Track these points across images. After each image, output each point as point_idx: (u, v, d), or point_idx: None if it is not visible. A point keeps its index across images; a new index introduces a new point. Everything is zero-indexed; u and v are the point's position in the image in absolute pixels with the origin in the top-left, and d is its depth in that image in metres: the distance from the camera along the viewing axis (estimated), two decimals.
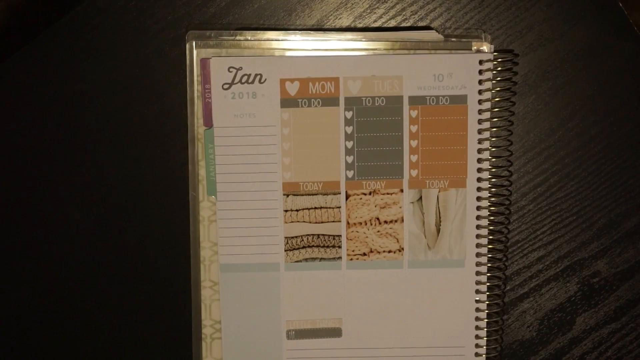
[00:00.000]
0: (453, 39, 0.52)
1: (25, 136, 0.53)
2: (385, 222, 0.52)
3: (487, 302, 0.53)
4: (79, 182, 0.53)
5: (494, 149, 0.52)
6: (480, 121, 0.52)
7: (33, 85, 0.52)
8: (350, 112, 0.52)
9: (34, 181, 0.53)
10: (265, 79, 0.51)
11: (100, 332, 0.54)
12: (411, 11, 0.53)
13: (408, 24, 0.53)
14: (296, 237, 0.52)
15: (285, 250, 0.52)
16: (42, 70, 0.52)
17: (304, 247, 0.52)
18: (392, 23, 0.53)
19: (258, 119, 0.51)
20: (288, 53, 0.51)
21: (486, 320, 0.53)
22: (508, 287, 0.54)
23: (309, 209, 0.52)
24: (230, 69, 0.51)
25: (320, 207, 0.52)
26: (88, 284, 0.54)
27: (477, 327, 0.53)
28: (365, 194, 0.52)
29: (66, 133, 0.53)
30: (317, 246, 0.52)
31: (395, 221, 0.52)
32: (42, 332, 0.54)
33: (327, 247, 0.52)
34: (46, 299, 0.54)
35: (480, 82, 0.51)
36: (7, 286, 0.54)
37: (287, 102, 0.51)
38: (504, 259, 0.53)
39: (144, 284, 0.54)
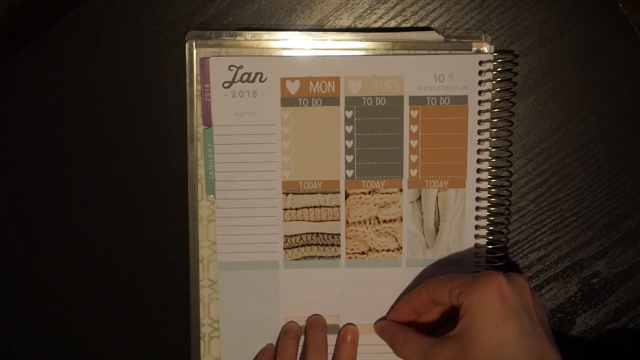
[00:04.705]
0: (453, 40, 0.52)
1: (25, 136, 0.53)
2: (385, 221, 0.52)
3: None
4: (78, 181, 0.53)
5: (494, 149, 0.52)
6: (480, 121, 0.51)
7: (33, 86, 0.52)
8: (351, 112, 0.51)
9: (34, 181, 0.53)
10: (266, 78, 0.51)
11: (99, 331, 0.54)
12: (411, 12, 0.53)
13: (408, 25, 0.53)
14: (295, 235, 0.52)
15: (284, 249, 0.52)
16: (42, 71, 0.52)
17: (303, 246, 0.52)
18: (393, 23, 0.53)
19: (258, 118, 0.51)
20: (288, 53, 0.51)
21: None
22: None
23: (308, 207, 0.52)
24: (231, 68, 0.51)
25: (320, 206, 0.52)
26: (87, 283, 0.54)
27: None
28: (364, 193, 0.52)
29: (66, 133, 0.53)
30: (316, 244, 0.52)
31: (394, 220, 0.52)
32: (42, 332, 0.54)
33: (326, 245, 0.52)
34: (45, 299, 0.54)
35: (480, 82, 0.51)
36: (7, 286, 0.54)
37: (288, 101, 0.51)
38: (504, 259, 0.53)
39: (143, 283, 0.54)
